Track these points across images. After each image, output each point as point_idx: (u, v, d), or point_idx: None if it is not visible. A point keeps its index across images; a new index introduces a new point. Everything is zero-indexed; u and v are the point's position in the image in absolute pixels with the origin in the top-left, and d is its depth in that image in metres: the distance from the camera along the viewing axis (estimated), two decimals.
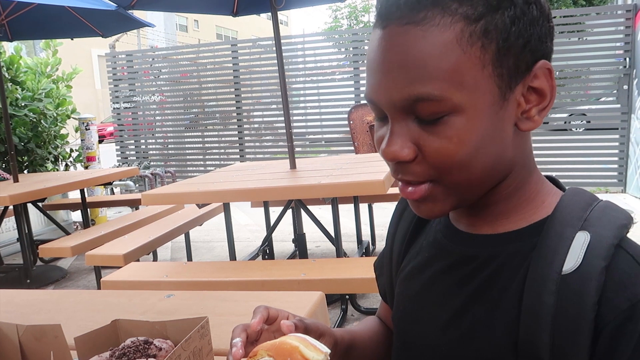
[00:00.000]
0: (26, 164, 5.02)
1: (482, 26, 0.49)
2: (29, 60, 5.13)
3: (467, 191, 0.55)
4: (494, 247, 0.57)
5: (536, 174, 0.59)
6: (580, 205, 0.53)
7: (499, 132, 0.52)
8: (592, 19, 5.87)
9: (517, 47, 0.50)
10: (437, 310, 0.60)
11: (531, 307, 0.51)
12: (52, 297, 1.15)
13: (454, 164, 0.51)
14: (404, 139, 0.52)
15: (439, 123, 0.50)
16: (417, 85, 0.49)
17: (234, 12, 3.58)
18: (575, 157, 5.66)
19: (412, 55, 0.49)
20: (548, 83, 0.53)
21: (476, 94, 0.50)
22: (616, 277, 0.48)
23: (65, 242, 3.17)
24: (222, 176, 3.10)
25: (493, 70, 0.50)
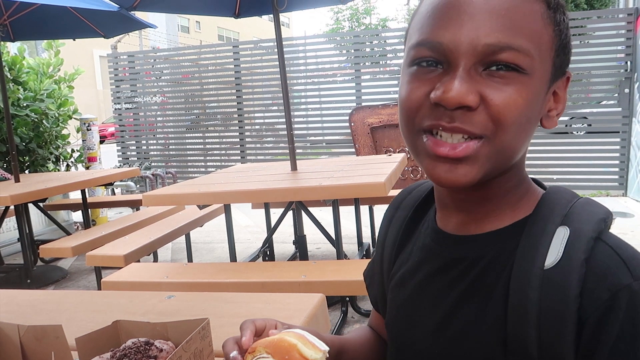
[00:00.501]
0: (27, 164, 5.02)
1: (555, 16, 0.54)
2: (31, 60, 5.14)
3: (502, 160, 0.54)
4: (480, 247, 0.58)
5: (527, 177, 0.61)
6: (561, 202, 0.55)
7: (539, 114, 0.55)
8: (593, 22, 5.87)
9: (567, 48, 0.56)
10: (429, 314, 0.61)
11: (517, 304, 0.52)
12: (52, 297, 1.15)
13: (515, 121, 0.51)
14: (471, 84, 0.51)
15: (510, 77, 0.51)
16: (509, 33, 0.50)
17: (236, 14, 3.59)
18: (577, 160, 5.66)
19: (507, 7, 0.51)
20: (565, 91, 0.58)
21: (544, 66, 0.53)
22: (596, 268, 0.49)
23: (66, 243, 3.17)
24: (223, 177, 3.10)
25: (555, 57, 0.54)
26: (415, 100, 0.53)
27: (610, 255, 0.50)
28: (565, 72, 0.57)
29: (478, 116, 0.51)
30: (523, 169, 0.60)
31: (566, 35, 0.55)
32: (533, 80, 0.52)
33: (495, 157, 0.53)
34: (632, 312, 0.47)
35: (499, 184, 0.58)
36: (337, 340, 0.70)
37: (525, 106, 0.52)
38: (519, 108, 0.51)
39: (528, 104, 0.52)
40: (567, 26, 0.55)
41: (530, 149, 5.84)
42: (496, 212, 0.59)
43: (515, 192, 0.59)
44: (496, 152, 0.53)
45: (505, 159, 0.54)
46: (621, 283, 0.48)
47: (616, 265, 0.49)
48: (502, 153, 0.53)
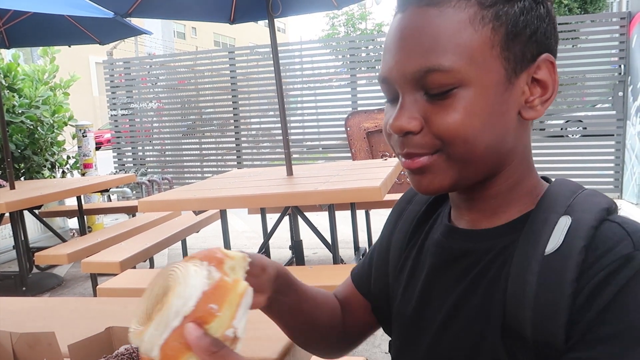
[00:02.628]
0: (23, 171, 5.01)
1: (494, 11, 0.54)
2: (26, 67, 5.14)
3: (467, 166, 0.56)
4: (489, 240, 0.59)
5: (535, 172, 0.62)
6: (565, 193, 0.56)
7: (503, 114, 0.55)
8: (587, 26, 5.92)
9: (524, 35, 0.54)
10: (437, 307, 0.62)
11: (515, 288, 0.53)
12: (47, 304, 1.14)
13: (459, 136, 0.54)
14: (412, 111, 0.55)
15: (447, 96, 0.54)
16: (429, 57, 0.53)
17: (231, 20, 3.60)
18: (572, 163, 5.68)
19: (427, 31, 0.54)
20: (551, 76, 0.56)
21: (484, 71, 0.54)
22: (597, 248, 0.50)
23: (62, 250, 3.16)
24: (219, 183, 3.10)
25: (501, 52, 0.54)
26: (385, 132, 0.59)
27: (614, 229, 0.51)
28: (537, 58, 0.56)
29: (423, 138, 0.55)
30: (526, 167, 0.60)
31: (516, 23, 0.54)
32: (474, 88, 0.53)
33: (455, 164, 0.56)
34: (629, 281, 0.47)
35: (498, 182, 0.59)
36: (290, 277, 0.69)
37: (469, 118, 0.53)
38: (460, 123, 0.53)
39: (472, 114, 0.53)
40: (519, 12, 0.54)
41: None
42: (504, 208, 0.60)
43: (519, 188, 0.59)
44: (455, 160, 0.56)
45: (473, 163, 0.56)
46: (621, 253, 0.49)
47: (620, 238, 0.50)
48: (463, 160, 0.55)
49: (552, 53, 0.57)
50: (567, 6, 14.83)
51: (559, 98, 5.97)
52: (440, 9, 0.54)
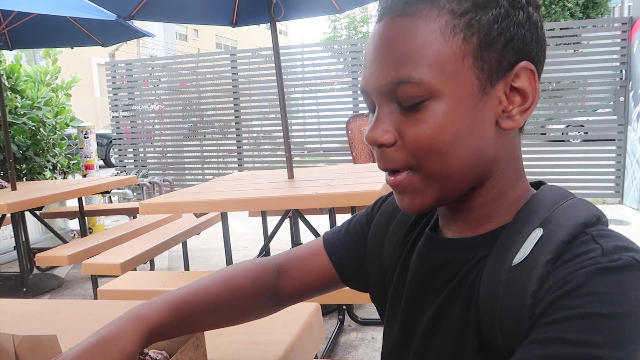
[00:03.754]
0: (24, 172, 5.02)
1: (466, 20, 0.52)
2: (28, 68, 5.15)
3: (446, 183, 0.55)
4: (470, 250, 0.58)
5: (523, 181, 0.60)
6: (546, 204, 0.54)
7: (478, 125, 0.54)
8: (589, 31, 5.92)
9: (499, 43, 0.52)
10: (420, 315, 0.62)
11: (485, 298, 0.52)
12: (48, 307, 1.15)
13: (431, 150, 0.53)
14: (386, 124, 0.55)
15: (418, 109, 0.53)
16: (399, 69, 0.52)
17: (233, 23, 3.61)
18: (573, 168, 5.68)
19: (398, 42, 0.53)
20: (531, 85, 0.54)
21: (455, 82, 0.52)
22: (567, 259, 0.48)
23: (62, 251, 3.16)
24: (220, 185, 3.11)
25: (473, 62, 0.52)
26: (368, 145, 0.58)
27: (586, 243, 0.49)
28: (515, 66, 0.54)
29: (397, 153, 0.55)
30: (512, 175, 0.58)
31: (489, 31, 0.52)
32: (446, 100, 0.52)
33: (433, 182, 0.55)
34: (589, 288, 0.45)
35: (482, 193, 0.58)
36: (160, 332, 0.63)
37: (440, 132, 0.52)
38: (431, 137, 0.52)
39: (443, 128, 0.52)
40: (493, 20, 0.52)
41: (527, 156, 5.87)
42: (488, 218, 0.59)
43: (505, 197, 0.58)
44: (431, 178, 0.55)
45: (450, 179, 0.55)
46: (587, 260, 0.47)
47: (588, 250, 0.48)
48: (439, 178, 0.54)
49: (534, 60, 0.55)
50: (569, 10, 14.84)
51: (560, 103, 5.97)
52: (412, 19, 0.53)
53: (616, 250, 0.47)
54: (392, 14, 0.54)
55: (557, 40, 5.82)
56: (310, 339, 0.92)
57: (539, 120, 5.97)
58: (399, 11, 0.54)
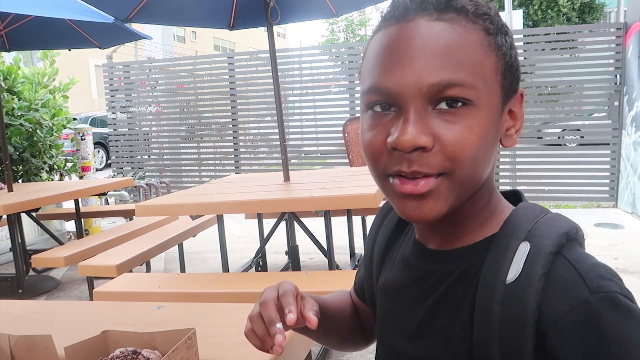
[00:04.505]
0: (21, 173, 5.02)
1: (496, 40, 0.56)
2: (26, 70, 5.16)
3: (467, 190, 0.56)
4: (452, 261, 0.60)
5: (496, 193, 0.63)
6: (527, 217, 0.57)
7: (495, 139, 0.57)
8: (584, 36, 5.96)
9: (514, 68, 0.57)
10: (405, 322, 0.64)
11: (481, 317, 0.54)
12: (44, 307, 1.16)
13: (471, 155, 0.53)
14: (422, 126, 0.52)
15: (460, 113, 0.52)
16: (449, 70, 0.52)
17: (231, 26, 3.62)
18: (568, 172, 5.71)
19: (445, 44, 0.52)
20: (520, 108, 0.60)
21: (491, 93, 0.55)
22: (555, 283, 0.51)
23: (59, 252, 3.17)
24: (217, 188, 3.12)
25: (502, 80, 0.56)
26: (375, 147, 0.55)
27: (568, 269, 0.52)
28: (517, 90, 0.59)
29: (434, 157, 0.52)
30: (490, 189, 0.61)
31: (510, 55, 0.57)
32: (483, 109, 0.54)
33: (457, 189, 0.55)
34: (589, 327, 0.49)
35: (468, 206, 0.60)
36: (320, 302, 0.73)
37: (479, 139, 0.53)
38: (472, 143, 0.53)
39: (481, 136, 0.53)
40: (510, 46, 0.57)
41: (522, 160, 5.90)
42: (466, 232, 0.61)
43: (484, 212, 0.61)
44: (458, 185, 0.54)
45: (469, 188, 0.57)
46: (579, 297, 0.49)
47: (573, 280, 0.51)
48: (464, 185, 0.55)
49: None
50: (565, 15, 14.92)
51: (557, 107, 6.01)
52: (452, 25, 0.53)
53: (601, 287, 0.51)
54: (428, 17, 0.53)
55: (552, 44, 5.86)
56: (303, 340, 0.93)
57: (535, 124, 6.01)
58: (436, 15, 0.53)
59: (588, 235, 0.59)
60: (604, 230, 4.65)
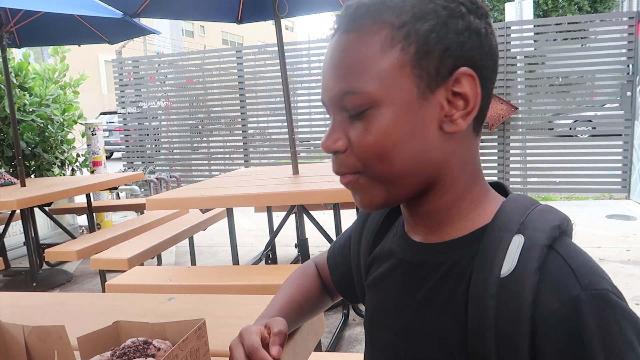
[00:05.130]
0: (33, 168, 5.07)
1: (404, 32, 0.55)
2: (37, 66, 5.20)
3: (391, 184, 0.58)
4: (440, 254, 0.60)
5: (480, 183, 0.61)
6: (518, 210, 0.56)
7: (420, 130, 0.56)
8: (596, 25, 5.88)
9: (437, 52, 0.55)
10: (394, 317, 0.64)
11: (476, 311, 0.54)
12: (57, 300, 1.18)
13: (374, 155, 0.57)
14: (338, 132, 0.59)
15: (363, 117, 0.57)
16: (345, 80, 0.57)
17: (239, 20, 3.63)
18: (580, 163, 5.66)
19: (345, 56, 0.57)
20: (472, 89, 0.56)
21: (394, 90, 0.55)
22: (548, 277, 0.51)
23: (71, 246, 3.20)
24: (226, 181, 3.13)
25: (412, 71, 0.55)
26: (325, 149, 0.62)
27: (560, 265, 0.51)
28: (454, 72, 0.56)
29: (348, 158, 0.59)
30: (467, 179, 0.60)
31: (427, 40, 0.55)
32: (387, 108, 0.55)
33: (380, 184, 0.58)
34: (578, 323, 0.49)
35: (435, 197, 0.60)
36: (286, 311, 0.79)
37: (383, 138, 0.56)
38: (374, 144, 0.56)
39: (386, 134, 0.56)
40: (430, 30, 0.55)
41: (533, 151, 5.85)
42: (449, 223, 0.60)
43: (462, 202, 0.60)
44: (376, 180, 0.58)
45: (396, 182, 0.58)
46: (570, 294, 0.50)
47: (566, 276, 0.51)
48: (382, 179, 0.58)
49: (475, 65, 0.56)
50: (576, 4, 14.72)
51: (568, 98, 5.94)
52: (358, 34, 0.56)
53: (592, 283, 0.51)
54: (342, 30, 0.58)
55: (564, 34, 5.79)
56: (311, 331, 0.94)
57: (546, 115, 5.95)
58: (347, 27, 0.58)
59: (576, 224, 0.58)
60: (616, 222, 4.61)
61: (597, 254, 3.70)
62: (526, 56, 5.85)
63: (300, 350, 0.86)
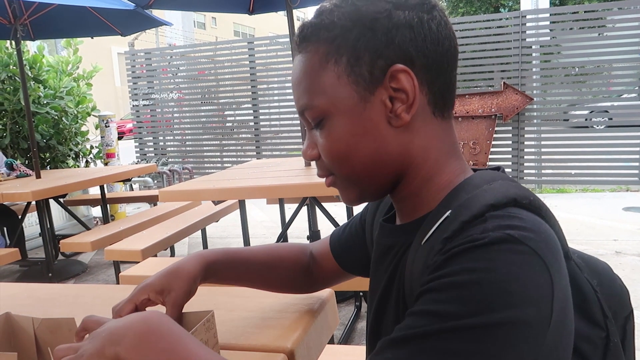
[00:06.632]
0: (48, 160, 5.13)
1: (336, 45, 0.60)
2: (50, 58, 5.24)
3: (359, 182, 0.64)
4: (406, 234, 0.63)
5: (453, 166, 0.63)
6: (468, 188, 0.57)
7: (370, 130, 0.60)
8: (614, 13, 5.76)
9: (366, 56, 0.59)
10: (372, 298, 0.70)
11: (406, 278, 0.58)
12: (72, 291, 1.18)
13: (333, 159, 0.63)
14: (311, 142, 0.66)
15: (322, 126, 0.63)
16: (302, 97, 0.63)
17: (250, 11, 3.61)
18: (596, 154, 5.57)
19: (298, 75, 0.63)
20: (408, 83, 0.58)
21: (337, 100, 0.60)
22: (455, 239, 0.50)
23: (86, 237, 3.24)
24: (238, 173, 3.13)
25: (347, 79, 0.60)
26: None
27: (481, 222, 0.50)
28: (387, 71, 0.58)
29: (322, 163, 0.66)
30: (433, 164, 0.62)
31: (355, 49, 0.58)
32: (337, 116, 0.61)
33: (352, 181, 0.64)
34: (456, 265, 0.48)
35: (405, 184, 0.64)
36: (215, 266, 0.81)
37: (339, 143, 0.61)
38: (332, 149, 0.62)
39: (340, 139, 0.61)
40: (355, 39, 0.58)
41: (548, 143, 5.77)
42: (419, 205, 0.63)
43: (430, 186, 0.62)
44: (346, 179, 0.64)
45: (363, 179, 0.63)
46: (465, 238, 0.49)
47: (474, 229, 0.50)
48: (350, 179, 0.64)
49: (410, 58, 0.58)
50: None
51: (584, 88, 5.84)
52: (305, 55, 0.62)
53: (496, 228, 0.48)
54: (297, 50, 0.64)
55: (580, 23, 5.68)
56: (325, 324, 0.93)
57: (561, 106, 5.86)
58: (298, 48, 0.64)
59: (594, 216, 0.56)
60: (633, 215, 4.54)
61: (613, 247, 3.65)
62: (542, 46, 5.75)
63: (314, 344, 0.85)
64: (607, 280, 0.64)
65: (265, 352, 0.75)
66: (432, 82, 0.60)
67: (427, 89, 0.60)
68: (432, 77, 0.60)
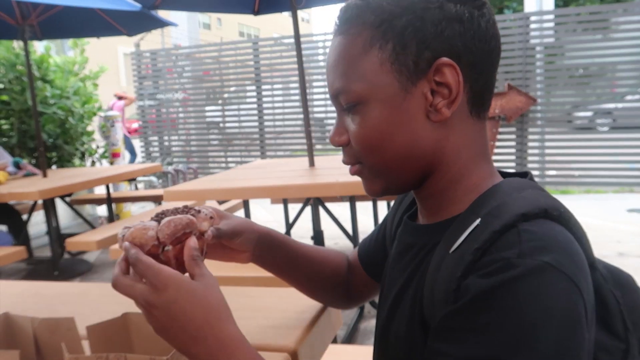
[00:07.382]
0: (54, 159, 5.15)
1: (382, 30, 0.58)
2: (57, 59, 5.27)
3: (387, 173, 0.62)
4: (427, 235, 0.62)
5: (483, 169, 0.62)
6: (499, 195, 0.56)
7: (406, 122, 0.59)
8: (618, 15, 5.74)
9: (413, 45, 0.57)
10: (388, 294, 0.67)
11: (427, 283, 0.56)
12: (77, 289, 1.20)
13: (365, 147, 0.61)
14: (340, 127, 0.64)
15: (355, 111, 0.61)
16: (338, 80, 0.61)
17: (255, 11, 3.63)
18: (600, 156, 5.55)
19: (337, 57, 0.61)
20: (453, 78, 0.57)
21: (377, 87, 0.59)
22: (490, 252, 0.50)
23: (91, 236, 3.26)
24: (243, 173, 3.15)
25: (391, 67, 0.58)
26: None
27: (513, 235, 0.50)
28: (433, 63, 0.57)
29: (350, 150, 0.64)
30: (463, 164, 0.61)
31: (402, 36, 0.57)
32: (374, 103, 0.59)
33: (379, 172, 0.63)
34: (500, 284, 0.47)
35: (433, 182, 0.62)
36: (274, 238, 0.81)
37: (372, 131, 0.60)
38: (365, 137, 0.60)
39: (374, 128, 0.59)
40: (405, 26, 0.56)
41: (552, 144, 5.76)
42: (445, 206, 0.62)
43: (458, 187, 0.61)
44: (373, 169, 0.63)
45: (391, 171, 0.62)
46: (502, 256, 0.48)
47: (511, 244, 0.49)
48: (378, 169, 0.62)
49: (457, 53, 0.57)
50: None
51: (588, 89, 5.82)
52: (346, 37, 0.60)
53: (532, 253, 0.48)
54: (336, 32, 0.62)
55: (584, 25, 5.67)
56: (328, 324, 0.94)
57: (565, 107, 5.84)
58: (338, 30, 0.62)
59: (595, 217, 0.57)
60: (637, 216, 4.53)
61: (617, 249, 3.64)
62: (546, 47, 5.74)
63: (317, 344, 0.87)
64: (630, 292, 0.62)
65: (269, 351, 0.75)
66: (475, 80, 0.58)
67: (469, 86, 0.58)
68: (475, 75, 0.58)
